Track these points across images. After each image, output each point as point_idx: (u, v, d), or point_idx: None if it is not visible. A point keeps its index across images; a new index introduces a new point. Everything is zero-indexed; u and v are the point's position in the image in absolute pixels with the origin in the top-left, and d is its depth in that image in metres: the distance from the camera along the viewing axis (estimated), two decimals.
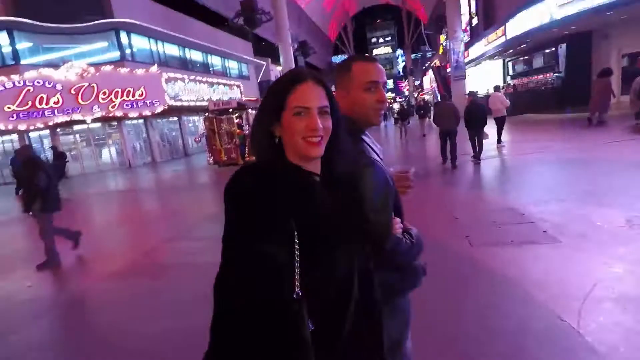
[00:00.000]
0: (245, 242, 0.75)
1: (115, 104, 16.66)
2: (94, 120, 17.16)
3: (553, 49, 16.77)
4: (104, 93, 16.38)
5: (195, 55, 23.64)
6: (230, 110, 14.10)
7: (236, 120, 13.76)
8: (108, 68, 16.42)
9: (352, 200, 0.91)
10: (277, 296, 0.73)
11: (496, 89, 9.60)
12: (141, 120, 18.88)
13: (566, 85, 15.84)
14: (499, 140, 9.24)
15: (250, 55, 29.95)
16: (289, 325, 0.72)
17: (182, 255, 4.54)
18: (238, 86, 25.54)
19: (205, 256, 4.29)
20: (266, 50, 34.95)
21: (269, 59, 32.56)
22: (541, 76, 18.02)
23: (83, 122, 16.90)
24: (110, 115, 16.77)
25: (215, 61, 25.82)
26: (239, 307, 0.71)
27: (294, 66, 21.67)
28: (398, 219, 1.10)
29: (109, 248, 5.34)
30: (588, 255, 3.00)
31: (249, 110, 14.28)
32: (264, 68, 31.87)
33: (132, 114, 17.32)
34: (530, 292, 2.54)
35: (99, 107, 16.44)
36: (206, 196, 9.14)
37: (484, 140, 7.80)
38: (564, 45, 15.90)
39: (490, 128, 8.12)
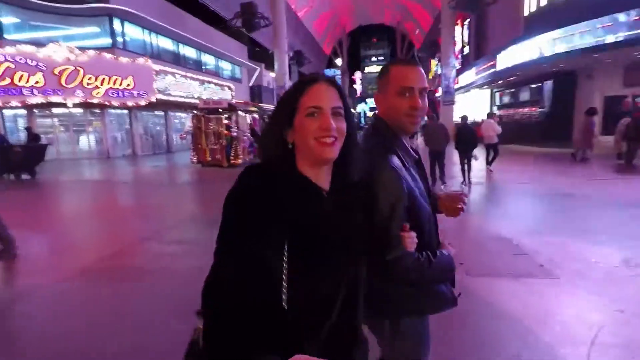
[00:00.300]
0: (239, 244, 0.73)
1: (100, 91, 16.03)
2: (76, 105, 16.44)
3: (539, 84, 17.39)
4: (90, 78, 15.74)
5: (189, 52, 23.26)
6: (220, 110, 13.79)
7: (225, 121, 13.44)
8: (97, 53, 15.83)
9: (361, 203, 0.91)
10: (268, 300, 0.73)
11: (489, 115, 9.78)
12: (125, 111, 18.26)
13: (550, 121, 16.40)
14: (489, 163, 9.35)
15: (244, 59, 29.74)
16: (279, 329, 0.74)
17: (155, 258, 4.19)
18: (230, 87, 25.21)
19: (182, 262, 4.02)
20: (261, 55, 34.77)
21: (263, 64, 32.42)
22: (527, 109, 18.63)
23: (63, 105, 16.14)
24: (94, 102, 16.12)
25: (208, 60, 25.48)
26: (231, 309, 0.70)
27: (287, 74, 21.61)
28: (413, 233, 1.03)
29: (73, 243, 4.92)
30: (588, 295, 2.92)
31: (239, 113, 14.01)
32: (257, 72, 31.70)
33: (116, 103, 16.70)
34: (533, 331, 2.41)
35: (82, 92, 15.77)
36: (186, 196, 8.78)
37: (473, 162, 7.86)
38: (550, 82, 16.51)
39: (479, 153, 8.20)
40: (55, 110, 17.00)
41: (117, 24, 17.38)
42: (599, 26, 11.51)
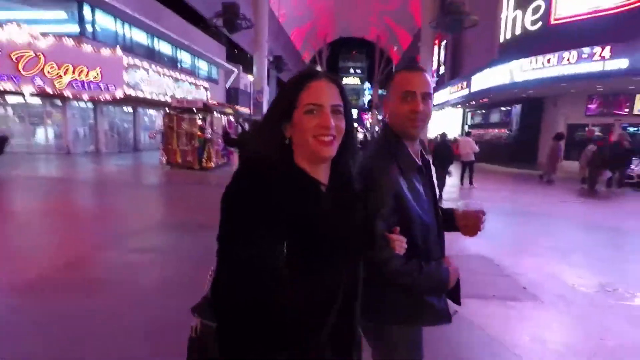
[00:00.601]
0: (237, 246, 0.73)
1: (62, 82, 14.95)
2: (34, 95, 15.24)
3: (509, 108, 18.19)
4: (52, 67, 14.66)
5: (164, 48, 22.40)
6: (195, 110, 13.26)
7: (199, 122, 12.93)
8: (61, 39, 14.78)
9: (359, 202, 0.91)
10: (269, 301, 0.72)
11: (467, 134, 10.02)
12: (90, 104, 17.17)
13: (517, 143, 17.14)
14: (470, 182, 9.62)
15: (222, 59, 29.13)
16: (282, 329, 0.74)
17: (116, 269, 3.75)
18: (205, 88, 24.51)
19: (146, 273, 3.64)
20: (239, 58, 34.33)
21: (241, 67, 31.93)
22: (496, 130, 19.41)
23: (20, 94, 14.93)
24: (56, 93, 15.02)
25: (184, 58, 24.69)
26: (233, 310, 0.72)
27: (266, 78, 21.32)
28: (402, 237, 1.03)
29: (21, 251, 4.27)
30: (574, 322, 2.88)
31: (215, 114, 13.54)
32: (234, 75, 31.11)
33: (81, 96, 15.66)
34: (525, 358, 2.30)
35: (42, 81, 14.66)
36: (153, 199, 8.25)
37: (447, 178, 7.99)
38: (518, 106, 17.30)
39: (454, 170, 8.34)
40: (10, 98, 15.69)
41: (86, 10, 16.31)
42: (566, 58, 12.20)
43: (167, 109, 13.85)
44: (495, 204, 7.87)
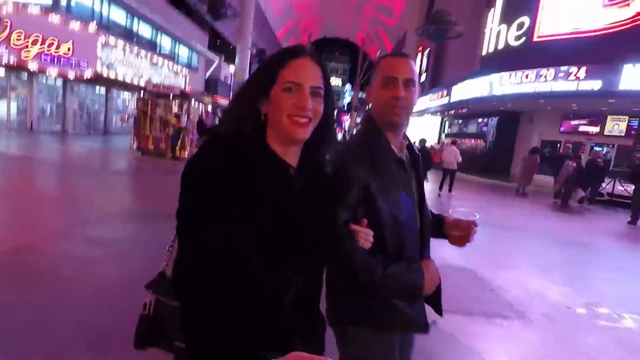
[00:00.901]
0: (202, 225, 0.68)
1: (30, 53, 13.87)
2: None
3: (486, 120, 18.61)
4: (19, 35, 13.55)
5: (144, 30, 21.34)
6: (171, 96, 12.64)
7: (175, 110, 12.33)
8: (31, 8, 13.71)
9: (329, 189, 0.89)
10: (239, 287, 0.68)
11: (453, 142, 10.08)
12: (59, 81, 16.05)
13: (492, 154, 17.57)
14: (450, 190, 9.74)
15: (204, 47, 28.19)
16: (253, 318, 0.69)
17: (67, 261, 3.36)
18: (184, 75, 23.58)
19: (100, 268, 3.27)
20: (221, 48, 33.37)
21: (223, 57, 31.06)
22: (472, 141, 19.82)
23: None
24: (22, 64, 13.90)
25: (164, 43, 23.64)
26: (202, 297, 0.66)
27: (248, 70, 20.77)
28: (369, 230, 0.95)
29: None
30: (564, 343, 2.80)
31: (192, 102, 12.96)
32: (215, 64, 30.17)
33: (50, 71, 14.56)
34: None
35: (7, 50, 13.53)
36: (119, 186, 7.70)
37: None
38: (495, 119, 17.73)
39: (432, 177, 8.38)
40: None
41: None
42: (544, 75, 12.55)
43: (142, 92, 13.13)
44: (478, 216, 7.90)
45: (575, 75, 11.71)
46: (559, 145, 13.64)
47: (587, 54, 11.82)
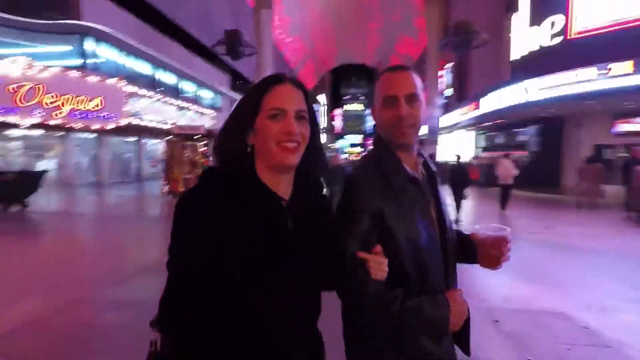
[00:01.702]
0: (181, 255, 0.70)
1: (62, 112, 14.50)
2: (34, 127, 14.74)
3: (525, 129, 17.40)
4: (53, 97, 14.24)
5: (167, 78, 22.19)
6: (197, 137, 12.65)
7: (202, 149, 12.29)
8: (61, 70, 14.40)
9: (324, 220, 0.87)
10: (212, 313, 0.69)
11: (506, 155, 9.41)
12: (92, 135, 16.69)
13: (536, 166, 16.20)
14: (502, 207, 9.05)
15: (226, 88, 29.09)
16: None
17: (86, 330, 2.86)
18: (210, 116, 24.18)
19: (122, 335, 2.72)
20: (243, 87, 34.53)
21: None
22: (513, 153, 18.50)
23: (17, 126, 14.43)
24: (55, 124, 14.53)
25: (187, 87, 24.51)
26: (180, 323, 0.68)
27: None
28: (382, 259, 0.87)
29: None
30: None
31: None
32: None
33: (82, 126, 15.13)
34: None
35: (42, 112, 14.20)
36: (151, 234, 7.37)
37: (462, 201, 7.74)
38: (535, 127, 16.50)
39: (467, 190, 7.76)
40: (9, 132, 15.22)
41: (89, 43, 16.06)
42: (588, 74, 11.51)
43: (169, 136, 13.29)
44: (539, 235, 6.83)
45: (622, 71, 10.64)
46: (618, 150, 12.25)
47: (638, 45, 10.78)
